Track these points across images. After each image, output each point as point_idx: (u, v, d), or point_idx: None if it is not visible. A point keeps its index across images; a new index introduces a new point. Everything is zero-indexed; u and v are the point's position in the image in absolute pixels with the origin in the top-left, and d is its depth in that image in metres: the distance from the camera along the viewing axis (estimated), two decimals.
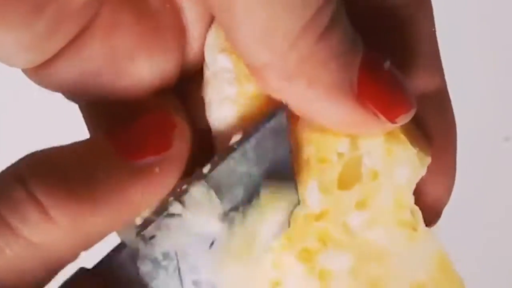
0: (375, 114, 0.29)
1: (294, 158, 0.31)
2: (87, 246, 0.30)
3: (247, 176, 0.31)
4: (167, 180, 0.30)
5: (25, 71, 0.31)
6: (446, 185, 0.33)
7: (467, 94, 0.34)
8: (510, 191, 0.77)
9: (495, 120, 0.75)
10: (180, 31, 0.31)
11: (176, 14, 0.31)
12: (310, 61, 0.28)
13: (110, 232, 0.30)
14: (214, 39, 0.31)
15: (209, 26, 0.32)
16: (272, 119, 0.30)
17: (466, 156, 0.34)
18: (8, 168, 0.29)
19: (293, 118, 0.31)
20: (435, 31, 0.32)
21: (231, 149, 0.30)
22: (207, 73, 0.32)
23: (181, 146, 0.30)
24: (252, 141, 0.31)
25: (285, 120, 0.31)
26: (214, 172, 0.30)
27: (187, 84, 0.33)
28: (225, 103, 0.31)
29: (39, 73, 0.31)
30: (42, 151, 0.29)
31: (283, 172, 0.31)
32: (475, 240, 0.33)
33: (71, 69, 0.31)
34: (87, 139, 0.31)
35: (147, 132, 0.30)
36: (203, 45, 0.32)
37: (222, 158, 0.30)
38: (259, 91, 0.31)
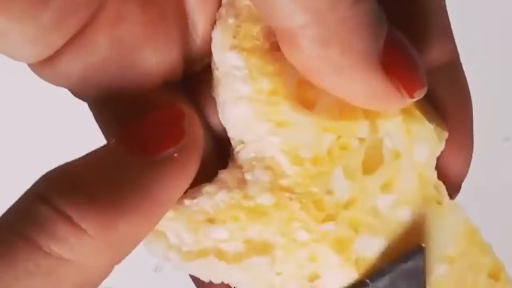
0: (398, 88, 0.29)
1: None
2: (120, 257, 0.29)
3: None
4: (188, 169, 0.30)
5: (31, 66, 0.31)
6: (463, 157, 0.33)
7: None
8: (510, 191, 0.77)
9: (495, 120, 0.75)
10: (183, 19, 0.31)
11: (180, 3, 0.31)
12: (347, 24, 0.28)
13: (142, 237, 0.29)
14: (221, 37, 0.31)
15: (211, 14, 0.31)
16: (410, 261, 0.31)
17: None
18: (27, 190, 0.28)
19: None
20: (445, 4, 0.32)
21: (364, 284, 0.31)
22: (217, 73, 0.31)
23: (194, 132, 0.30)
24: (386, 279, 0.31)
25: (422, 263, 0.31)
26: None
27: (195, 83, 0.32)
28: (240, 102, 0.31)
29: (45, 67, 0.30)
30: (58, 168, 0.29)
31: None
32: None
33: (77, 62, 0.30)
34: (100, 147, 0.30)
35: (158, 126, 0.30)
36: (205, 35, 0.31)
37: None
38: (276, 86, 0.31)
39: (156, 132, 0.29)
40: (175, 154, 0.29)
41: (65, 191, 0.28)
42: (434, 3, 0.32)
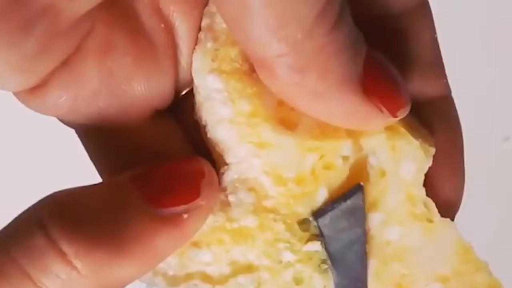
0: (379, 108, 0.29)
1: (367, 240, 0.31)
2: None
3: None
4: (193, 228, 0.30)
5: (17, 95, 0.30)
6: (456, 189, 0.33)
7: (466, 94, 0.34)
8: (510, 191, 0.77)
9: (495, 120, 0.75)
10: (173, 49, 0.31)
11: (170, 32, 0.31)
12: (324, 52, 0.27)
13: (133, 280, 0.29)
14: (200, 61, 0.31)
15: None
16: (349, 199, 0.31)
17: (466, 156, 0.33)
18: (27, 210, 0.28)
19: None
20: (436, 38, 0.32)
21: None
22: (198, 97, 0.31)
23: (209, 194, 0.30)
24: (326, 218, 0.31)
25: (362, 200, 0.31)
26: None
27: (178, 106, 0.32)
28: (221, 124, 0.31)
29: (31, 96, 0.30)
30: (63, 192, 0.29)
31: (355, 253, 0.31)
32: (475, 240, 0.33)
33: (65, 92, 0.30)
34: (110, 181, 0.30)
35: (175, 179, 0.29)
36: (191, 62, 0.31)
37: None
38: (256, 107, 0.30)
39: (171, 184, 0.29)
40: (185, 216, 0.29)
41: (67, 224, 0.27)
42: (426, 38, 0.32)
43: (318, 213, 0.31)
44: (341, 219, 0.31)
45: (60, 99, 0.30)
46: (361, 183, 0.31)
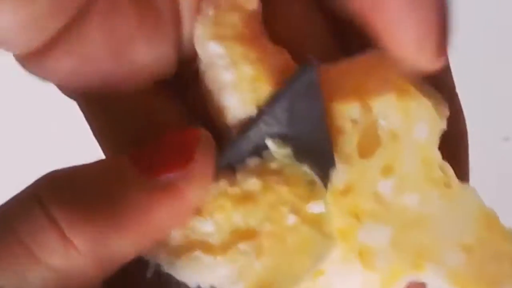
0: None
1: (328, 117, 0.30)
2: (110, 270, 0.28)
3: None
4: (192, 197, 0.29)
5: (18, 58, 0.29)
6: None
7: (466, 94, 0.33)
8: (510, 191, 0.76)
9: (495, 120, 0.75)
10: (176, 15, 0.30)
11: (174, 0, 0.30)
12: None
13: (133, 255, 0.29)
14: (202, 29, 0.30)
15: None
16: (302, 77, 0.29)
17: None
18: (27, 188, 0.28)
19: None
20: None
21: (261, 112, 0.29)
22: (201, 66, 0.31)
23: (204, 159, 0.29)
24: (284, 103, 0.29)
25: (316, 75, 0.29)
26: (246, 134, 0.30)
27: (183, 77, 0.32)
28: (225, 90, 0.30)
29: (35, 60, 0.29)
30: (61, 170, 0.28)
31: (317, 132, 0.30)
32: None
33: (69, 55, 0.29)
34: (108, 158, 0.30)
35: (168, 146, 0.29)
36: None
37: (253, 122, 0.29)
38: (258, 72, 0.30)
39: (164, 152, 0.29)
40: (181, 183, 0.28)
41: (63, 199, 0.27)
42: None
43: (274, 100, 0.29)
44: (299, 101, 0.29)
45: (63, 61, 0.29)
46: (311, 56, 0.30)
